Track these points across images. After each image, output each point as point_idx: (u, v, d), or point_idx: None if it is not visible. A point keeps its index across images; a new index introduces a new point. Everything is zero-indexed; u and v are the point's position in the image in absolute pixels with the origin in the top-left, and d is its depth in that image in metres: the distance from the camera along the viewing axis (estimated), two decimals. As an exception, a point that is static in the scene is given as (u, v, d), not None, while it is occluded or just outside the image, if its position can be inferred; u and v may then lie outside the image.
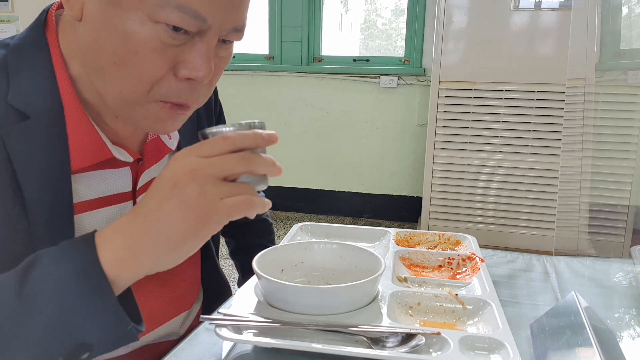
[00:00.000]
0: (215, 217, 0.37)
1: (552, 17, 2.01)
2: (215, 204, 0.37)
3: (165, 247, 0.37)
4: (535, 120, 2.08)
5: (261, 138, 0.39)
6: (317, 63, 2.73)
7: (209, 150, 0.38)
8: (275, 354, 0.46)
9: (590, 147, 1.25)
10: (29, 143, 0.43)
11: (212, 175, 0.37)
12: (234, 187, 0.38)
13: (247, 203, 0.38)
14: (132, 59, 0.41)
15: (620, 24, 1.48)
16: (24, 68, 0.45)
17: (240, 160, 0.38)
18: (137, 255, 0.37)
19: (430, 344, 0.45)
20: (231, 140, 0.38)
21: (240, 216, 0.38)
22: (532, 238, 2.15)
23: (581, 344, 0.42)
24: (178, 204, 0.36)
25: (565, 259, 0.73)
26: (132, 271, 0.38)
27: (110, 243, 0.37)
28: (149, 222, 0.37)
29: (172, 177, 0.37)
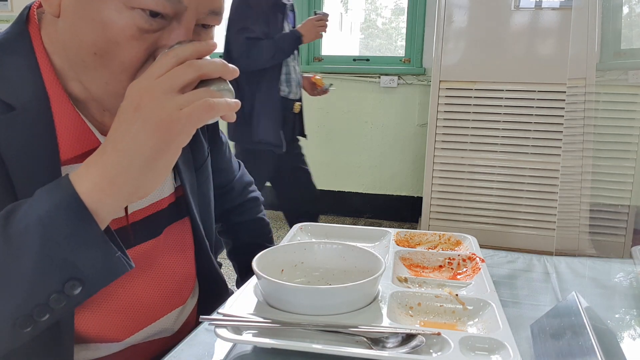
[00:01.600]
0: (178, 127, 0.38)
1: (552, 17, 2.01)
2: (175, 114, 0.38)
3: (139, 166, 0.38)
4: (535, 120, 2.08)
5: (201, 45, 0.41)
6: (317, 62, 2.73)
7: (158, 69, 0.39)
8: (275, 355, 0.46)
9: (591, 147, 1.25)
10: (17, 134, 0.44)
11: (166, 90, 0.38)
12: (192, 94, 0.39)
13: (206, 106, 0.38)
14: (112, 48, 0.42)
15: (621, 23, 1.48)
16: (8, 61, 0.46)
17: (188, 66, 0.39)
18: (114, 180, 0.38)
19: (431, 345, 0.45)
20: (174, 53, 0.40)
21: (204, 121, 0.39)
22: (533, 238, 2.15)
23: (582, 344, 0.42)
24: (141, 124, 0.38)
25: (565, 259, 0.73)
26: (112, 197, 0.39)
27: (86, 176, 0.39)
28: (119, 148, 0.38)
29: (131, 102, 0.39)
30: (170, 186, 0.58)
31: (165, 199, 0.57)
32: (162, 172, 0.40)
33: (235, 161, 0.78)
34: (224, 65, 0.41)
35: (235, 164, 0.78)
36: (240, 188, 0.78)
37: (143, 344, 0.56)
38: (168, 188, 0.58)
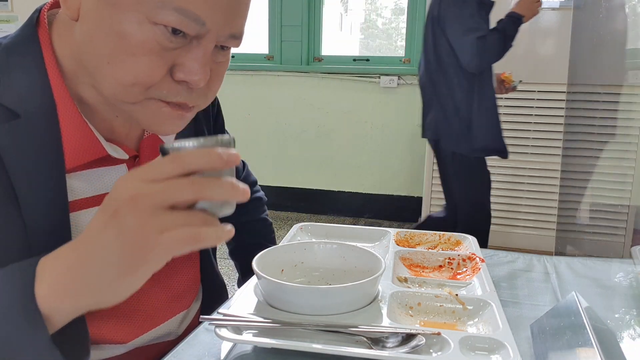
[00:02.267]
0: (153, 254, 0.33)
1: (552, 17, 2.01)
2: (154, 238, 0.33)
3: (100, 282, 0.34)
4: (535, 120, 2.08)
5: (218, 159, 0.34)
6: (317, 63, 2.73)
7: (155, 173, 0.34)
8: (275, 354, 0.46)
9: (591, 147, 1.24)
10: (21, 142, 0.43)
11: (154, 205, 0.33)
12: (181, 216, 0.33)
13: (192, 237, 0.33)
14: (127, 60, 0.41)
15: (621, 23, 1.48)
16: (16, 67, 0.45)
17: (189, 185, 0.33)
18: (73, 288, 0.35)
19: (431, 344, 0.45)
20: (179, 162, 0.33)
21: (184, 252, 0.34)
22: (533, 238, 2.15)
23: (582, 344, 0.42)
24: (114, 236, 0.33)
25: (565, 259, 0.73)
26: (70, 305, 0.36)
27: (49, 272, 0.35)
28: (87, 252, 0.35)
29: (113, 203, 0.34)
30: None
31: None
32: (125, 291, 0.35)
33: (240, 162, 0.78)
34: (232, 190, 0.34)
35: (240, 163, 0.78)
36: None
37: (148, 347, 0.56)
38: None
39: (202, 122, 0.63)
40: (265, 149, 2.79)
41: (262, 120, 2.77)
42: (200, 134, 0.62)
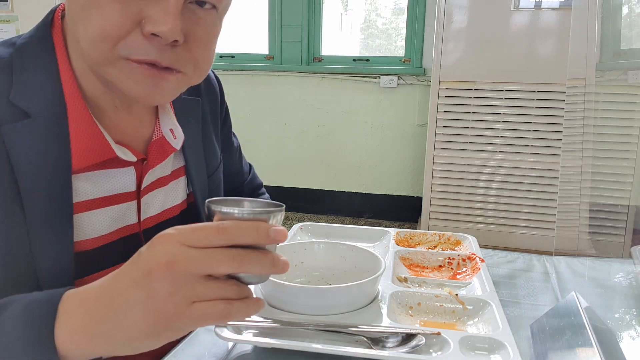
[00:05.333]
0: (179, 323, 0.33)
1: (552, 17, 2.01)
2: (183, 308, 0.32)
3: (120, 338, 0.34)
4: (535, 120, 2.08)
5: (265, 236, 0.33)
6: (317, 63, 2.73)
7: (196, 239, 0.33)
8: (275, 354, 0.46)
9: (591, 147, 1.25)
10: (29, 141, 0.43)
11: (189, 273, 0.32)
12: (215, 288, 0.33)
13: (222, 314, 0.33)
14: (94, 12, 0.40)
15: (621, 23, 1.48)
16: (29, 67, 0.45)
17: (229, 260, 0.32)
18: (92, 338, 0.35)
19: (431, 344, 0.45)
20: (226, 234, 0.32)
21: (211, 324, 0.34)
22: (533, 238, 2.15)
23: (581, 344, 0.42)
24: (144, 297, 0.33)
25: (565, 259, 0.73)
26: (86, 351, 0.35)
27: (71, 316, 0.35)
28: (112, 306, 0.34)
29: (148, 262, 0.33)
30: (183, 193, 0.58)
31: (177, 205, 0.57)
32: (142, 350, 0.35)
33: (246, 164, 0.78)
34: (272, 266, 0.34)
35: (246, 166, 0.78)
36: (250, 191, 0.77)
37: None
38: (180, 195, 0.58)
39: (209, 123, 0.63)
40: (265, 149, 2.79)
41: (262, 120, 2.77)
42: (207, 135, 0.62)
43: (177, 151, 0.56)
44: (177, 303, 0.32)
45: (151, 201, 0.53)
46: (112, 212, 0.50)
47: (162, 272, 0.32)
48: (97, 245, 0.49)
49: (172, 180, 0.57)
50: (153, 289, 0.32)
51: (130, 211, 0.52)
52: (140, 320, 0.33)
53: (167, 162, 0.55)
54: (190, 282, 0.32)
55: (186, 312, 0.32)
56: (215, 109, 0.65)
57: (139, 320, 0.33)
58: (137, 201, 0.52)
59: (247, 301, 0.34)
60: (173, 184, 0.57)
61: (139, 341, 0.34)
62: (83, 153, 0.46)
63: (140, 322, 0.33)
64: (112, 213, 0.50)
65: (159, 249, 0.33)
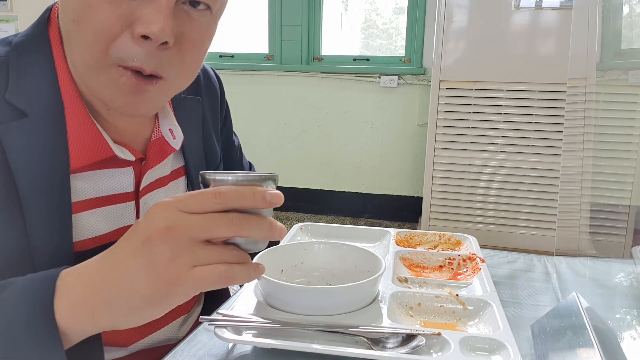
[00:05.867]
0: (181, 288, 0.33)
1: (553, 17, 2.00)
2: (184, 272, 0.32)
3: (122, 308, 0.34)
4: (536, 120, 2.07)
5: (262, 199, 0.33)
6: (317, 62, 2.73)
7: (194, 205, 0.33)
8: (275, 355, 0.46)
9: (591, 146, 1.24)
10: (27, 141, 0.43)
11: (188, 238, 0.32)
12: (214, 252, 0.33)
13: (223, 276, 0.33)
14: (86, 13, 0.40)
15: (621, 23, 1.48)
16: (25, 66, 0.45)
17: (228, 224, 0.33)
18: (94, 310, 0.34)
19: (431, 345, 0.45)
20: (223, 198, 0.33)
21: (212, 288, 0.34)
22: (533, 238, 2.15)
23: (582, 344, 0.42)
24: (144, 264, 0.33)
25: (566, 259, 0.73)
26: (87, 325, 0.35)
27: (71, 291, 0.35)
28: (112, 276, 0.34)
29: (146, 229, 0.33)
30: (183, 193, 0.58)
31: None
32: (145, 319, 0.35)
33: (247, 162, 0.78)
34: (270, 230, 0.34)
35: (247, 165, 0.77)
36: None
37: (149, 350, 0.56)
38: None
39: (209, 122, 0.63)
40: (265, 149, 2.79)
41: (262, 120, 2.77)
42: (207, 135, 0.62)
43: (176, 151, 0.55)
44: (178, 267, 0.32)
45: (150, 201, 0.53)
46: (110, 212, 0.50)
47: (162, 237, 0.32)
48: (96, 245, 0.49)
49: (172, 180, 0.57)
50: (153, 254, 0.32)
51: (128, 211, 0.51)
52: (142, 287, 0.33)
53: (167, 162, 0.55)
54: (190, 246, 0.32)
55: (188, 275, 0.32)
56: (215, 108, 0.65)
57: (141, 288, 0.33)
58: (135, 202, 0.52)
59: (247, 265, 0.35)
60: (173, 184, 0.57)
61: (142, 309, 0.34)
62: (81, 152, 0.46)
63: (142, 289, 0.33)
64: (111, 213, 0.50)
65: (157, 216, 0.33)
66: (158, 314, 0.35)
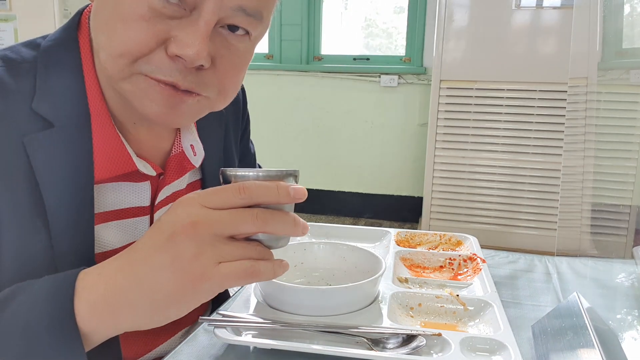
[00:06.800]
0: (207, 284, 0.32)
1: (553, 16, 2.00)
2: (210, 269, 0.32)
3: (146, 307, 0.33)
4: (536, 120, 2.07)
5: (286, 194, 0.33)
6: (316, 62, 2.73)
7: (218, 200, 0.33)
8: (275, 355, 0.46)
9: (593, 146, 1.24)
10: (52, 152, 0.42)
11: (213, 233, 0.32)
12: (239, 248, 0.33)
13: (249, 272, 0.32)
14: (118, 26, 0.38)
15: (623, 22, 1.48)
16: (53, 73, 0.43)
17: (253, 219, 0.32)
18: (116, 310, 0.34)
19: (431, 345, 0.45)
20: (247, 194, 0.32)
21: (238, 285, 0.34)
22: (534, 238, 2.15)
23: (583, 345, 0.42)
24: (169, 261, 0.32)
25: (567, 259, 0.73)
26: (109, 326, 0.34)
27: (91, 291, 0.34)
28: (135, 274, 0.33)
29: (170, 226, 0.33)
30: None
31: None
32: (168, 318, 0.34)
33: None
34: (294, 226, 0.34)
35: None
36: None
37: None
38: None
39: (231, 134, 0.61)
40: (265, 149, 2.79)
41: (262, 120, 2.76)
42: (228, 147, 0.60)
43: (195, 168, 0.53)
44: (204, 263, 0.32)
45: None
46: (125, 225, 0.49)
47: (187, 233, 0.32)
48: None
49: None
50: (178, 250, 0.32)
51: (142, 225, 0.50)
52: (167, 284, 0.32)
53: (184, 179, 0.53)
54: (214, 242, 0.32)
55: (214, 272, 0.32)
56: (237, 119, 0.63)
57: (165, 285, 0.32)
58: (150, 216, 0.50)
59: (272, 261, 0.34)
60: None
61: (166, 308, 0.33)
62: (105, 165, 0.44)
63: (166, 287, 0.32)
64: (126, 227, 0.49)
65: (181, 212, 0.33)
66: (182, 313, 0.34)
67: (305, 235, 0.72)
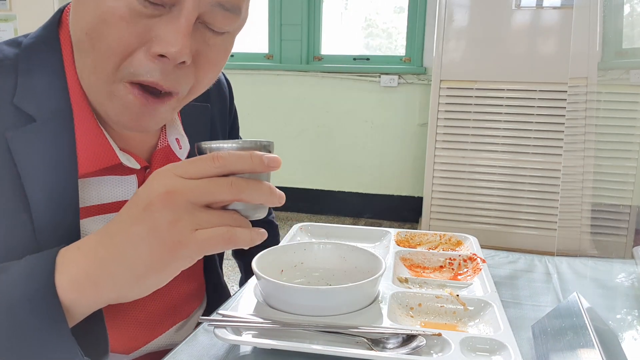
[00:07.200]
0: (185, 251, 0.33)
1: (553, 16, 2.00)
2: (187, 235, 0.32)
3: (127, 277, 0.34)
4: (536, 120, 2.07)
5: (260, 162, 0.33)
6: (316, 62, 2.73)
7: (193, 170, 0.33)
8: (275, 355, 0.46)
9: (593, 146, 1.24)
10: (35, 146, 0.42)
11: (190, 201, 0.32)
12: (215, 216, 0.33)
13: (225, 237, 0.33)
14: (101, 28, 0.39)
15: (623, 22, 1.48)
16: (35, 69, 0.44)
17: (228, 187, 0.33)
18: (97, 282, 0.34)
19: (431, 345, 0.45)
20: (221, 162, 0.33)
21: (216, 251, 0.34)
22: (534, 238, 2.15)
23: (583, 345, 0.42)
24: (146, 230, 0.32)
25: (567, 259, 0.73)
26: (91, 298, 0.35)
27: (71, 264, 0.34)
28: (114, 245, 0.34)
29: (147, 197, 0.33)
30: None
31: None
32: (150, 288, 0.35)
33: None
34: (270, 194, 0.34)
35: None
36: None
37: (149, 355, 0.55)
38: None
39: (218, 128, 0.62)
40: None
41: (262, 120, 2.76)
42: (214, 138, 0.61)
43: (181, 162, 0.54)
44: (181, 230, 0.32)
45: None
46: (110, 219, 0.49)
47: (163, 202, 0.32)
48: None
49: None
50: (155, 219, 0.32)
51: None
52: (146, 253, 0.33)
53: None
54: (191, 210, 0.32)
55: (190, 238, 0.32)
56: (224, 114, 0.64)
57: (145, 254, 0.33)
58: None
59: (250, 229, 0.35)
60: None
61: (146, 276, 0.33)
62: (88, 158, 0.45)
63: (146, 256, 0.33)
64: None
65: (156, 183, 0.33)
66: (162, 281, 0.35)
67: (304, 236, 0.73)
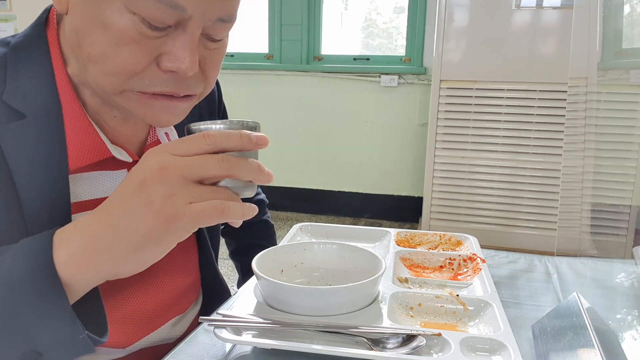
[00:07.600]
0: (180, 223, 0.34)
1: (553, 16, 2.00)
2: (181, 207, 0.33)
3: (124, 250, 0.35)
4: (536, 120, 2.07)
5: (248, 140, 0.35)
6: (317, 62, 2.73)
7: (185, 148, 0.35)
8: (275, 355, 0.46)
9: (593, 146, 1.24)
10: (25, 142, 0.43)
11: (183, 176, 0.34)
12: (208, 190, 0.34)
13: (219, 209, 0.34)
14: (110, 50, 0.40)
15: (622, 22, 1.48)
16: (23, 67, 0.45)
17: (219, 162, 0.34)
18: (95, 256, 0.35)
19: (431, 345, 0.45)
20: (212, 139, 0.34)
21: (210, 223, 0.35)
22: (534, 238, 2.15)
23: (583, 345, 0.42)
24: (142, 204, 0.34)
25: (567, 259, 0.73)
26: (90, 273, 0.35)
27: (69, 241, 0.35)
28: (110, 220, 0.35)
29: (141, 173, 0.34)
30: None
31: None
32: (147, 261, 0.36)
33: None
34: (259, 171, 0.36)
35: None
36: None
37: (147, 349, 0.56)
38: None
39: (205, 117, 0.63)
40: (265, 149, 2.78)
41: (262, 120, 2.75)
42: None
43: None
44: (175, 203, 0.33)
45: None
46: None
47: (157, 178, 0.34)
48: None
49: None
50: (149, 194, 0.34)
51: None
52: (141, 226, 0.34)
53: None
54: (184, 184, 0.34)
55: (185, 210, 0.33)
56: (212, 111, 0.65)
57: (141, 226, 0.34)
58: None
59: (242, 203, 0.36)
60: None
61: (142, 249, 0.35)
62: (79, 153, 0.46)
63: (141, 228, 0.34)
64: None
65: (150, 160, 0.35)
66: (158, 254, 0.36)
67: (304, 236, 0.73)
